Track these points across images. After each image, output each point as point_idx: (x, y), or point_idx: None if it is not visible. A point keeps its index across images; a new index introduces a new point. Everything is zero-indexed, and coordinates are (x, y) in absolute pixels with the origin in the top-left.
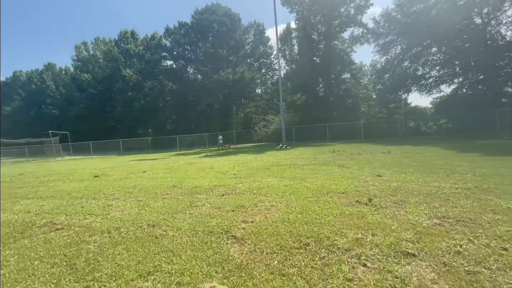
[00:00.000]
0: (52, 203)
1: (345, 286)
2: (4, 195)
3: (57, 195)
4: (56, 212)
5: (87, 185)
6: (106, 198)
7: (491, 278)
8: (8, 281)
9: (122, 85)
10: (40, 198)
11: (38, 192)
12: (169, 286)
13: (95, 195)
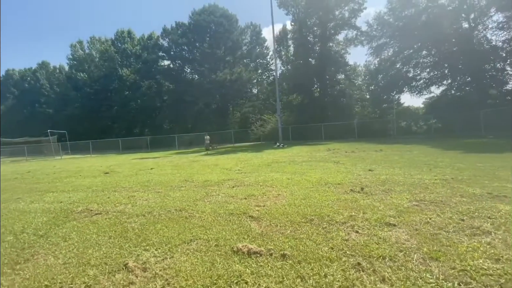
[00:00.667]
0: (78, 195)
1: (343, 244)
2: (25, 189)
3: (79, 189)
4: (87, 202)
5: (101, 180)
6: (126, 190)
7: (447, 237)
8: (80, 247)
9: (118, 84)
10: (63, 192)
11: (58, 186)
12: (210, 247)
13: (114, 188)
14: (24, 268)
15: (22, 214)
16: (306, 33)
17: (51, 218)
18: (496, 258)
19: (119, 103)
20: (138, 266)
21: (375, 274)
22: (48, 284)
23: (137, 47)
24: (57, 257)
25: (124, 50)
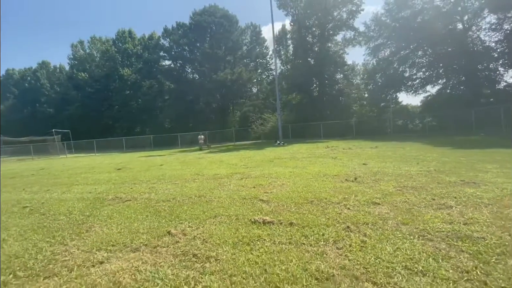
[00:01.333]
0: (102, 187)
1: (336, 216)
2: (49, 183)
3: (99, 183)
4: (113, 192)
5: (117, 175)
6: (145, 183)
7: (419, 211)
8: (125, 222)
9: (119, 84)
10: (87, 185)
11: (79, 181)
12: (232, 220)
13: (133, 181)
14: (88, 235)
15: (61, 202)
16: (305, 34)
17: (88, 204)
18: (449, 222)
19: (120, 102)
20: (178, 232)
21: (359, 232)
22: (114, 243)
23: (138, 47)
24: (111, 229)
25: (125, 50)
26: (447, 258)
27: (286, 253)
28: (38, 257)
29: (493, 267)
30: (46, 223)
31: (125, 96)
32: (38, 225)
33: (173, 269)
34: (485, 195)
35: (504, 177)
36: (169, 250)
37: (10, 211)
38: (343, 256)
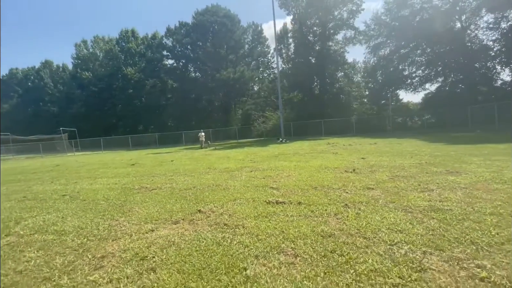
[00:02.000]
0: (124, 179)
1: (337, 198)
2: (74, 177)
3: (120, 176)
4: (137, 183)
5: (133, 170)
6: (163, 175)
7: (405, 193)
8: (158, 205)
9: (122, 83)
10: (109, 177)
11: (99, 175)
12: (249, 201)
13: (151, 174)
14: (132, 214)
15: (93, 191)
16: (306, 33)
17: (119, 192)
18: (428, 200)
19: (124, 101)
20: (207, 210)
21: (355, 208)
22: (156, 219)
23: (141, 46)
24: (149, 209)
25: (129, 49)
26: (420, 222)
27: (297, 221)
28: (100, 228)
29: (452, 227)
30: (90, 206)
31: (129, 95)
32: (84, 208)
33: (211, 233)
34: (463, 181)
35: (484, 168)
36: (203, 222)
37: (53, 198)
38: (342, 223)
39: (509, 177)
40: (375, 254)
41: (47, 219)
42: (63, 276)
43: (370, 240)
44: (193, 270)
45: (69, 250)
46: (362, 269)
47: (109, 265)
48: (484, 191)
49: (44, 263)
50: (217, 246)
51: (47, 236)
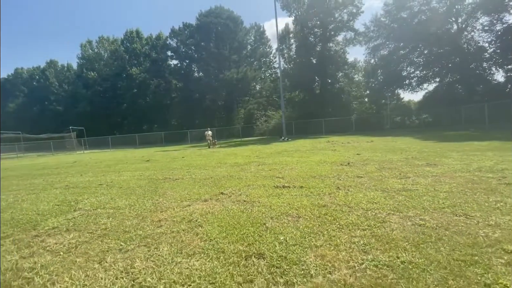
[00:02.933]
0: (147, 172)
1: (331, 183)
2: (98, 171)
3: (140, 169)
4: (160, 174)
5: (150, 165)
6: (180, 169)
7: (386, 180)
8: (186, 190)
9: (127, 83)
10: (131, 171)
11: (120, 169)
12: (261, 187)
13: (169, 168)
14: (168, 196)
15: (124, 181)
16: (308, 34)
17: (148, 182)
18: (403, 184)
19: (129, 100)
20: (228, 193)
21: (345, 189)
22: (189, 198)
23: (146, 47)
24: (179, 193)
25: (133, 49)
26: (391, 198)
27: (299, 198)
28: (146, 205)
29: (413, 200)
30: (129, 192)
31: (133, 94)
32: (125, 193)
33: (235, 206)
34: (436, 171)
35: (458, 161)
36: (227, 200)
37: (92, 186)
38: (333, 198)
39: (474, 167)
40: (354, 215)
41: (100, 200)
42: (137, 230)
43: (352, 208)
44: (228, 225)
45: (131, 217)
46: (344, 223)
47: (166, 224)
48: (449, 177)
49: (118, 225)
50: (242, 213)
51: (108, 210)
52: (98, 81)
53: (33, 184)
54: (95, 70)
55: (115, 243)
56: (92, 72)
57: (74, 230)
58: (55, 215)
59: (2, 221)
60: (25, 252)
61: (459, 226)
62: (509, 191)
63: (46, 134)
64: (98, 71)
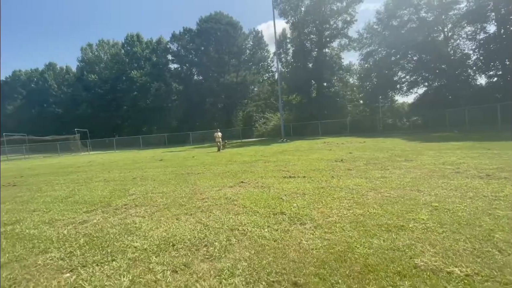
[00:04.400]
0: (168, 169)
1: (327, 174)
2: (121, 169)
3: (160, 167)
4: (181, 170)
5: (166, 163)
6: (197, 166)
7: (370, 171)
8: (211, 180)
9: (128, 85)
10: (151, 168)
11: (140, 167)
12: (272, 177)
13: (185, 166)
14: (199, 184)
15: (153, 175)
16: (304, 40)
17: (175, 176)
18: (382, 174)
19: (129, 103)
20: (247, 182)
21: (337, 178)
22: (218, 185)
23: (146, 50)
24: (207, 182)
25: (134, 53)
26: (371, 182)
27: (303, 184)
28: (186, 190)
29: (387, 183)
30: (164, 182)
31: (134, 97)
32: (160, 183)
33: (256, 189)
34: (410, 165)
35: (431, 158)
36: (248, 186)
37: (128, 180)
38: (329, 183)
39: (440, 162)
40: (343, 192)
41: (145, 188)
42: (190, 204)
43: (342, 188)
44: (255, 199)
45: (181, 198)
46: (336, 196)
47: (209, 201)
48: (417, 169)
49: (173, 202)
50: (262, 193)
51: (157, 194)
52: (98, 83)
53: (72, 179)
54: (95, 72)
55: (179, 211)
56: (92, 74)
57: (142, 205)
58: (118, 198)
59: (79, 200)
60: (118, 217)
61: (411, 196)
62: (457, 177)
63: (50, 136)
64: (98, 74)
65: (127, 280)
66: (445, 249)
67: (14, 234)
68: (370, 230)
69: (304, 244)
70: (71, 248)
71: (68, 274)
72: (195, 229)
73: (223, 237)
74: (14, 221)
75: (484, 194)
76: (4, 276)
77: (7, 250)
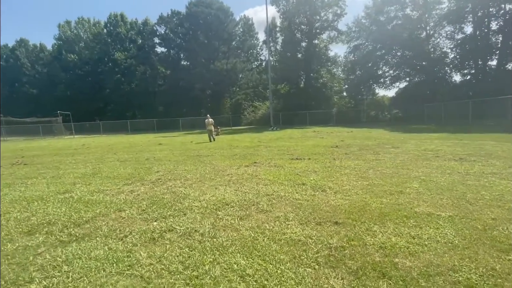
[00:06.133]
0: (175, 152)
1: (328, 157)
2: (128, 151)
3: (164, 150)
4: (189, 153)
5: (167, 147)
6: (201, 150)
7: (364, 155)
8: (225, 160)
9: (111, 67)
10: (158, 151)
11: (144, 149)
12: (281, 159)
13: (189, 149)
14: (215, 165)
15: (165, 157)
16: (294, 30)
17: (186, 158)
18: (376, 157)
19: (112, 86)
20: (260, 162)
21: (339, 160)
22: (234, 165)
23: (132, 32)
24: (223, 163)
25: (118, 34)
26: (368, 163)
27: (312, 164)
28: (207, 169)
29: (381, 163)
30: (180, 163)
31: (117, 80)
32: (177, 163)
33: (271, 168)
34: (397, 151)
35: (413, 145)
36: (263, 166)
37: (142, 160)
38: (333, 164)
39: (422, 149)
40: (347, 170)
41: (167, 167)
42: (219, 179)
43: (345, 167)
44: (276, 175)
45: (207, 174)
46: (344, 173)
47: (234, 176)
48: (404, 154)
49: (202, 178)
50: (279, 170)
51: (181, 171)
52: (78, 64)
53: (81, 159)
54: (75, 52)
55: (213, 183)
56: (72, 54)
57: (174, 179)
58: (146, 174)
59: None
60: (161, 187)
61: (402, 172)
62: (437, 160)
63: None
64: (78, 54)
65: (208, 223)
66: (433, 203)
67: (76, 200)
68: (378, 194)
69: (331, 202)
70: (140, 208)
71: (155, 222)
72: (237, 195)
73: (264, 199)
74: (64, 191)
75: (459, 171)
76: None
77: (87, 209)
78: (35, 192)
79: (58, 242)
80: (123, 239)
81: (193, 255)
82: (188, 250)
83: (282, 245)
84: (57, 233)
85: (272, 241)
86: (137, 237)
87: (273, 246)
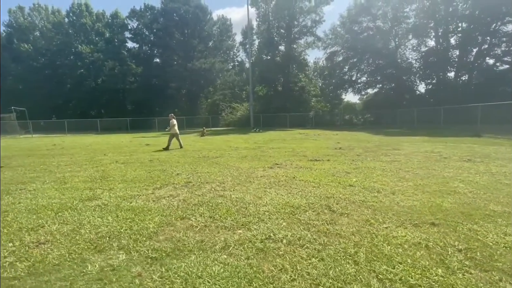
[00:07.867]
0: (178, 153)
1: (336, 158)
2: (120, 153)
3: (162, 151)
4: (193, 154)
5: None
6: (203, 151)
7: (364, 156)
8: (235, 162)
9: (72, 61)
10: (159, 152)
11: (135, 151)
12: (300, 161)
13: (189, 152)
14: (236, 167)
15: (169, 158)
16: (274, 33)
17: (194, 159)
18: (391, 158)
19: (74, 81)
20: (282, 164)
21: (359, 161)
22: (254, 167)
23: (98, 23)
24: (243, 165)
25: (82, 25)
26: (389, 164)
27: (337, 165)
28: (231, 172)
29: (402, 164)
30: (193, 165)
31: (81, 74)
32: (190, 165)
33: (296, 170)
34: (402, 152)
35: (411, 147)
36: (287, 167)
37: (145, 162)
38: (357, 165)
39: (423, 150)
40: (379, 171)
41: (185, 169)
42: (255, 180)
43: (373, 168)
44: (312, 177)
45: (239, 176)
46: (379, 174)
47: (268, 178)
48: (413, 155)
49: (233, 179)
50: (310, 172)
51: (204, 174)
52: (32, 55)
53: (69, 161)
54: (29, 42)
55: (255, 186)
56: (25, 44)
57: (207, 183)
58: (168, 177)
59: None
60: (201, 191)
61: (432, 173)
62: (448, 161)
63: None
64: (32, 44)
65: (301, 229)
66: (499, 202)
67: (114, 208)
68: (434, 194)
69: (401, 203)
70: (204, 215)
71: (240, 231)
72: (297, 198)
73: (331, 201)
74: (87, 198)
75: (483, 171)
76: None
77: (141, 219)
78: (51, 199)
79: (148, 259)
80: (224, 251)
81: (331, 266)
82: (316, 261)
83: (407, 250)
84: (135, 248)
85: (394, 246)
86: (241, 249)
87: (399, 251)
